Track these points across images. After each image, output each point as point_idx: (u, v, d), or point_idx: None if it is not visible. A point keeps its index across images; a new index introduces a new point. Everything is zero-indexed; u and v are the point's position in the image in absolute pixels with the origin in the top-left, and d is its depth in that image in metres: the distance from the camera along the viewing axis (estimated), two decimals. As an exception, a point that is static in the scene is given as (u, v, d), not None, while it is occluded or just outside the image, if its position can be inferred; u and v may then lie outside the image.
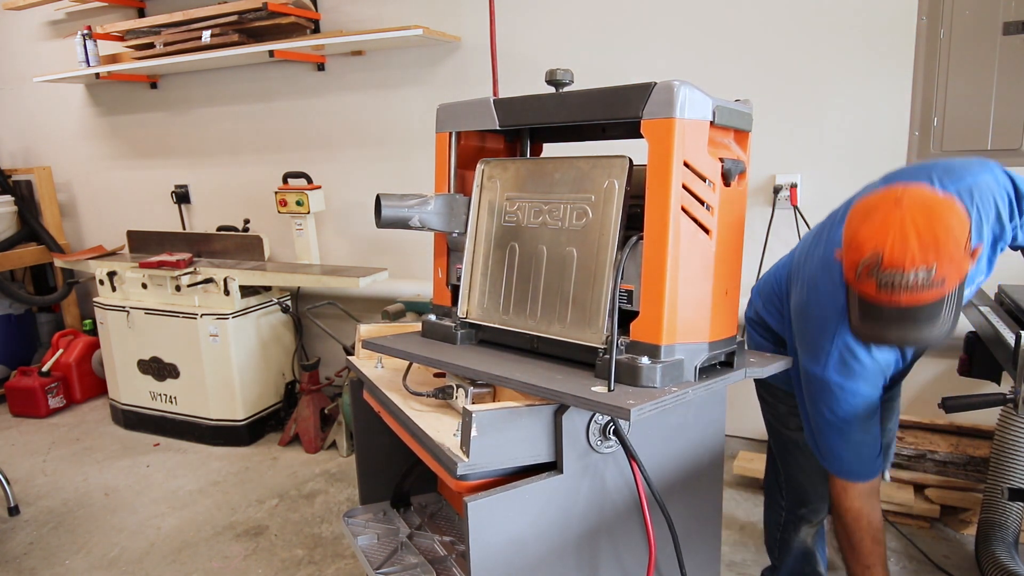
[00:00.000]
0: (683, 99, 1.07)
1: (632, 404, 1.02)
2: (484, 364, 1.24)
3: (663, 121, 1.07)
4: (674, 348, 1.12)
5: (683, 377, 1.14)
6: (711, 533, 1.32)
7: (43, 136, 4.57)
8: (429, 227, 1.40)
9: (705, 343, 1.15)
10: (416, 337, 1.48)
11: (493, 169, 1.42)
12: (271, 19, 3.28)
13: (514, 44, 3.10)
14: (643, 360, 1.11)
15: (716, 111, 1.11)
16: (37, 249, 4.30)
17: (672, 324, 1.12)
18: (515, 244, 1.33)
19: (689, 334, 1.13)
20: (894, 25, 2.53)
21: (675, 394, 1.09)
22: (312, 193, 3.48)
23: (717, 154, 1.13)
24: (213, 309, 3.32)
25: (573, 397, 1.06)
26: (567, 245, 1.24)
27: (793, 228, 2.77)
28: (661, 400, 1.06)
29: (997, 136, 2.45)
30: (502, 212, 1.37)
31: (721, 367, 1.21)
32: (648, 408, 1.03)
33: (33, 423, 3.85)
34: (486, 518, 1.04)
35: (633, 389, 1.09)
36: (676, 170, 1.08)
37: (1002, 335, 1.62)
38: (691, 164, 1.09)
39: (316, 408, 3.38)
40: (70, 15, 4.18)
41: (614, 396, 1.06)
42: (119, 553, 2.55)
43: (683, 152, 1.08)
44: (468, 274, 1.41)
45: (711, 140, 1.13)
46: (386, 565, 1.50)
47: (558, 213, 1.26)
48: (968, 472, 2.50)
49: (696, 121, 1.09)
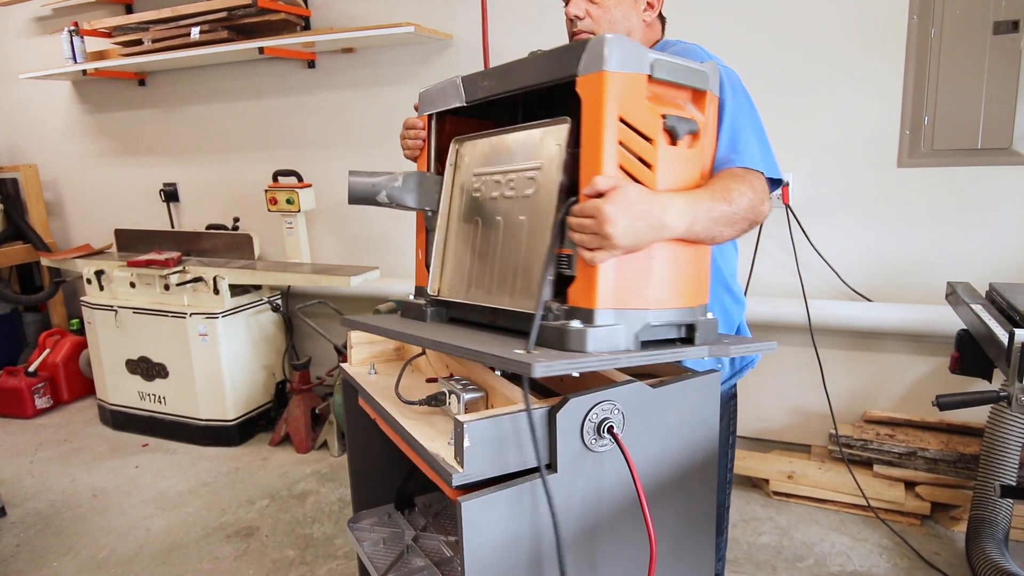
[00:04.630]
0: (616, 51, 1.03)
1: (541, 361, 0.96)
2: (428, 333, 1.23)
3: (595, 75, 1.03)
4: (609, 313, 1.07)
5: (620, 346, 1.07)
6: (706, 532, 1.31)
7: (29, 133, 4.52)
8: (398, 203, 1.42)
9: (649, 311, 1.09)
10: (395, 317, 1.49)
11: (463, 147, 1.42)
12: (261, 16, 3.26)
13: (506, 41, 3.09)
14: (573, 324, 1.07)
15: (654, 65, 1.06)
16: (23, 248, 4.25)
17: (608, 288, 1.06)
18: (478, 219, 1.34)
19: (628, 300, 1.08)
20: (885, 24, 2.54)
21: (596, 358, 1.02)
22: (302, 191, 3.45)
23: (661, 111, 1.07)
24: (202, 308, 3.30)
25: (490, 356, 1.03)
26: (520, 214, 1.22)
27: (785, 227, 2.77)
28: (576, 362, 1.00)
29: (987, 135, 2.47)
30: (469, 188, 1.37)
31: (682, 343, 1.15)
32: (557, 367, 0.97)
33: (19, 424, 3.81)
34: (480, 518, 1.03)
35: (558, 353, 1.04)
36: (609, 124, 1.03)
37: (994, 333, 1.62)
38: (627, 120, 1.05)
39: (307, 408, 3.36)
40: (56, 11, 4.13)
41: (529, 356, 1.02)
42: (108, 555, 2.52)
43: (616, 107, 1.03)
44: (440, 253, 1.41)
45: (657, 97, 1.08)
46: (392, 570, 1.49)
47: (513, 183, 1.25)
48: (959, 469, 2.52)
49: (631, 74, 1.04)
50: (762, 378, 2.86)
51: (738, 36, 2.72)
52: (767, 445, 3.02)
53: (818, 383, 2.78)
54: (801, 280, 2.77)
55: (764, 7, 2.68)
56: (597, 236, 1.01)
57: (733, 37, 2.72)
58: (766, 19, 2.68)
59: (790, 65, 2.68)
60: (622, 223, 1.00)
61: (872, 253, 2.71)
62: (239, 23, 3.33)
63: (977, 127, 2.48)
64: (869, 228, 2.69)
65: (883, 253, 2.69)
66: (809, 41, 2.64)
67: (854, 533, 2.49)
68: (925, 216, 2.61)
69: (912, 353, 2.71)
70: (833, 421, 2.75)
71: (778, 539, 2.48)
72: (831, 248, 2.75)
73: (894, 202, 2.64)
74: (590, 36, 1.40)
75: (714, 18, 2.74)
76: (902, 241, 2.66)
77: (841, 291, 2.77)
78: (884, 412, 2.75)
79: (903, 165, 2.61)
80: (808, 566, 2.33)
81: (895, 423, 2.73)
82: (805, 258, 2.78)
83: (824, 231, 2.75)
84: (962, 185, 2.54)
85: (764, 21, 2.69)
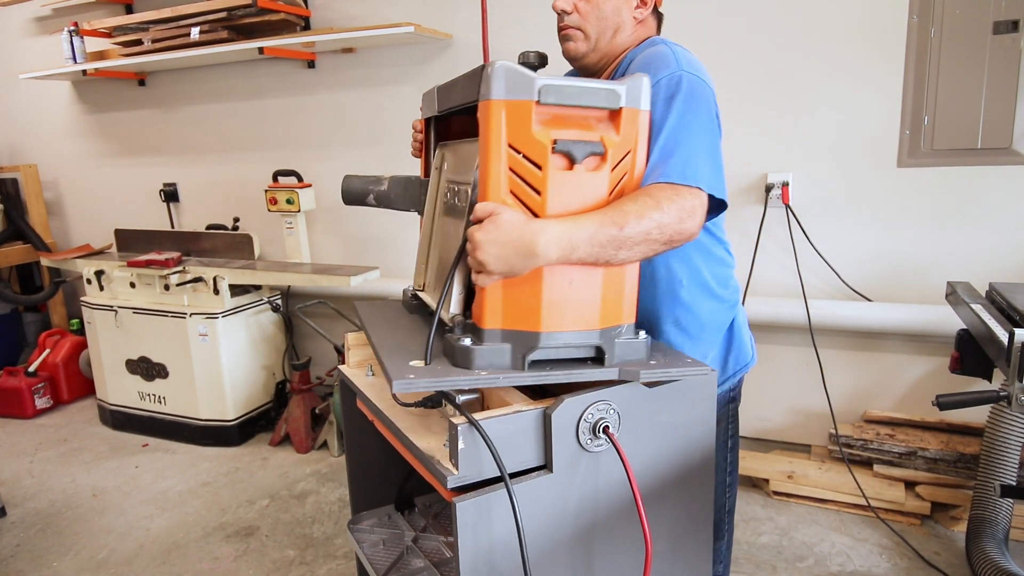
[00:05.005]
0: (500, 80, 1.04)
1: (412, 378, 1.04)
2: (381, 326, 1.35)
3: (484, 103, 1.06)
4: (496, 333, 1.10)
5: (506, 364, 1.10)
6: (703, 532, 1.31)
7: (29, 133, 4.52)
8: (385, 205, 1.54)
9: (540, 333, 1.10)
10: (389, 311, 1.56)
11: (446, 152, 1.45)
12: (261, 16, 3.26)
13: (506, 41, 3.09)
14: (464, 340, 1.10)
15: (543, 91, 1.06)
16: (23, 248, 4.26)
17: (495, 308, 1.09)
18: (442, 224, 1.41)
19: (517, 321, 1.10)
20: (885, 24, 2.53)
21: (472, 376, 1.07)
22: (303, 191, 3.45)
23: (556, 135, 1.07)
24: (202, 308, 3.30)
25: (387, 362, 1.11)
26: (459, 227, 1.26)
27: (785, 227, 2.77)
28: (440, 380, 1.05)
29: (987, 135, 2.46)
30: (444, 193, 1.41)
31: (593, 362, 1.14)
32: (420, 385, 1.04)
33: (19, 424, 3.81)
34: (475, 519, 1.03)
35: (445, 369, 1.10)
36: (494, 152, 1.05)
37: (995, 333, 1.62)
38: (516, 146, 1.06)
39: (307, 408, 3.36)
40: (56, 11, 4.13)
41: (415, 369, 1.09)
42: (108, 555, 2.52)
43: (504, 134, 1.05)
44: (424, 250, 1.48)
45: (558, 120, 1.08)
46: (392, 571, 1.48)
47: (459, 195, 1.29)
48: (959, 469, 2.51)
49: (517, 102, 1.05)
50: (762, 378, 2.86)
51: (738, 36, 2.72)
52: (767, 445, 3.02)
53: (818, 383, 2.78)
54: (801, 280, 2.77)
55: (764, 7, 2.68)
56: (474, 260, 1.06)
57: (733, 37, 2.72)
58: (766, 19, 2.68)
59: (790, 65, 2.67)
60: (491, 251, 1.03)
61: (872, 253, 2.71)
62: (239, 23, 3.33)
63: (977, 127, 2.47)
64: (869, 228, 2.69)
65: (883, 253, 2.69)
66: (809, 41, 2.64)
67: (854, 533, 2.49)
68: (925, 216, 2.61)
69: (912, 353, 2.71)
70: (833, 421, 2.75)
71: (778, 539, 2.48)
72: (831, 248, 2.75)
73: (894, 202, 2.64)
74: (576, 31, 1.40)
75: (714, 18, 2.73)
76: (902, 241, 2.66)
77: (841, 291, 2.77)
78: (884, 412, 2.75)
79: (903, 165, 2.61)
80: (808, 566, 2.33)
81: (895, 423, 2.72)
82: (805, 258, 2.77)
83: (824, 231, 2.75)
84: (962, 185, 2.54)
85: (764, 21, 2.68)
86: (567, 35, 1.42)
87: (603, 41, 1.40)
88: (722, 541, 1.64)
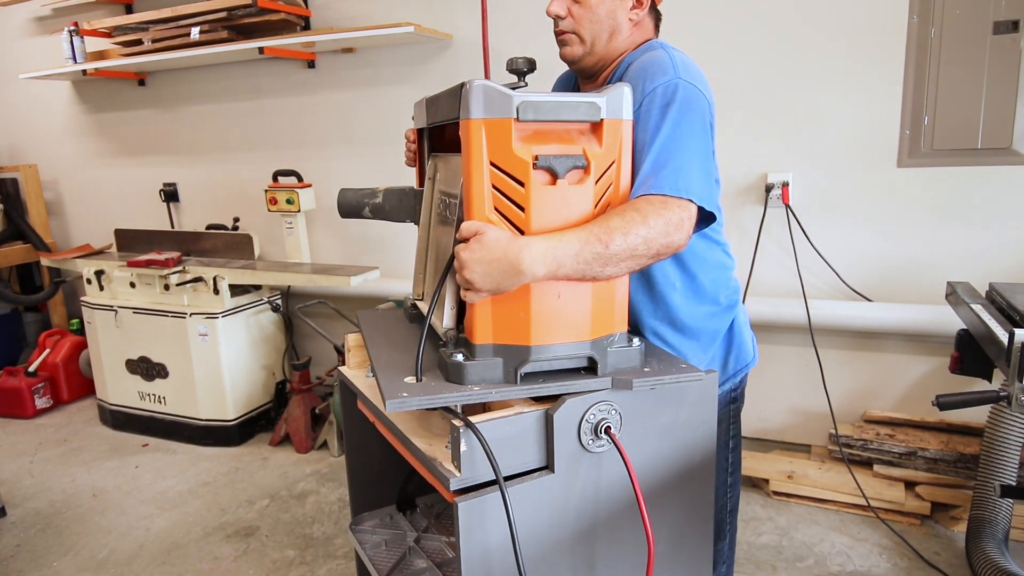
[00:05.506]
0: (478, 99, 1.04)
1: (405, 396, 1.04)
2: (381, 342, 1.36)
3: (465, 122, 1.06)
4: (488, 348, 1.11)
5: (499, 378, 1.11)
6: (704, 532, 1.31)
7: (29, 133, 4.52)
8: (381, 217, 1.56)
9: (530, 347, 1.10)
10: (390, 321, 1.56)
11: (438, 163, 1.45)
12: (261, 16, 3.26)
13: (506, 41, 3.09)
14: (456, 356, 1.11)
15: (521, 108, 1.05)
16: (23, 248, 4.26)
17: (485, 324, 1.10)
18: (437, 233, 1.41)
19: (507, 336, 1.11)
20: (885, 24, 2.53)
21: (456, 394, 1.07)
22: (302, 191, 3.45)
23: (537, 151, 1.07)
24: (202, 308, 3.30)
25: (380, 379, 1.13)
26: (452, 236, 1.25)
27: (785, 227, 2.77)
28: (433, 397, 1.06)
29: (987, 135, 2.46)
30: (437, 203, 1.42)
31: (586, 372, 1.14)
32: (412, 403, 1.04)
33: (19, 424, 3.81)
34: (477, 519, 1.04)
35: (436, 384, 1.10)
36: (476, 170, 1.06)
37: (995, 333, 1.62)
38: (497, 163, 1.06)
39: (307, 408, 3.36)
40: (56, 11, 4.13)
41: (408, 387, 1.09)
42: (108, 555, 2.52)
43: (485, 152, 1.05)
44: (421, 260, 1.50)
45: (539, 135, 1.08)
46: (394, 572, 1.48)
47: (453, 206, 1.28)
48: (959, 469, 2.51)
49: (496, 120, 1.05)
50: (762, 378, 2.86)
51: (738, 36, 2.72)
52: (767, 445, 3.02)
53: (818, 383, 2.78)
54: (801, 280, 2.77)
55: (764, 7, 2.68)
56: (462, 278, 1.07)
57: (733, 37, 2.72)
58: (766, 19, 2.68)
59: (790, 65, 2.68)
60: (477, 269, 1.05)
61: (872, 253, 2.71)
62: (239, 23, 3.33)
63: (977, 127, 2.47)
64: (869, 228, 2.69)
65: (883, 253, 2.69)
66: (809, 41, 2.64)
67: (854, 533, 2.49)
68: (925, 216, 2.61)
69: (912, 353, 2.71)
70: (833, 421, 2.75)
71: (778, 539, 2.48)
72: (831, 248, 2.75)
73: (894, 202, 2.64)
74: (572, 36, 1.39)
75: (714, 18, 2.73)
76: (902, 241, 2.66)
77: (841, 291, 2.77)
78: (884, 412, 2.75)
79: (903, 165, 2.61)
80: (808, 566, 2.33)
81: (895, 423, 2.72)
82: (805, 258, 2.78)
83: (824, 231, 2.75)
84: (962, 185, 2.54)
85: (764, 21, 2.68)
86: (563, 39, 1.41)
87: (599, 44, 1.39)
88: (724, 541, 1.64)
